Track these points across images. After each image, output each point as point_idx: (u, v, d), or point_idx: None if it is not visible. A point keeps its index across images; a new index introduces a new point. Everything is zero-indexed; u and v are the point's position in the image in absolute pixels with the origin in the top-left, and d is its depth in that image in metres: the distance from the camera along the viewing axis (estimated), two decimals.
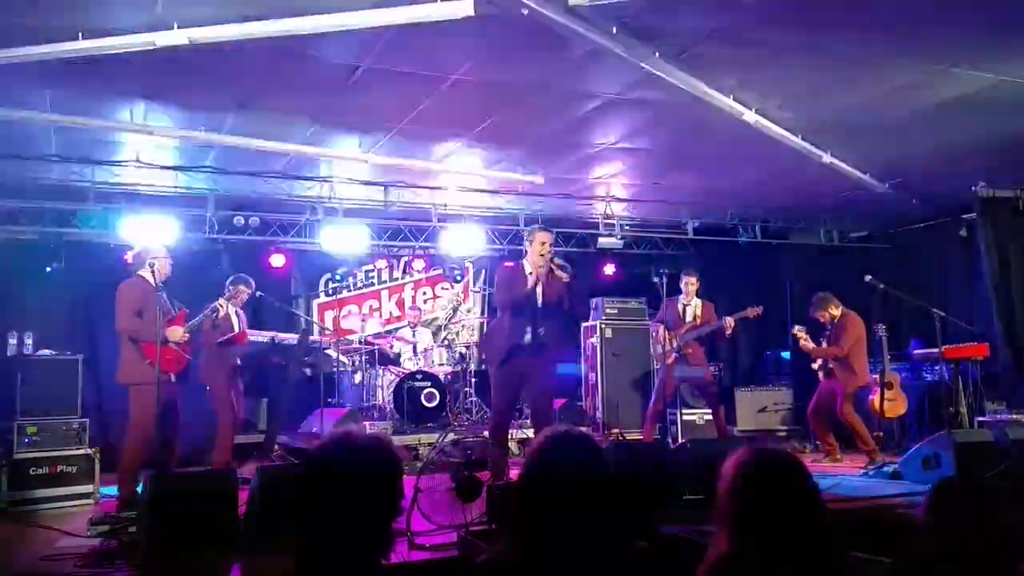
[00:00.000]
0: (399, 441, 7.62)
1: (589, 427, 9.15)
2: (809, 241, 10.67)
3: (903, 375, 7.72)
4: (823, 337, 7.14)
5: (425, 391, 8.45)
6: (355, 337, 9.15)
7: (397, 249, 10.04)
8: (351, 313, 9.93)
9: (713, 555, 1.80)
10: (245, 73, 5.47)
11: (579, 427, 7.55)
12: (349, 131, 6.81)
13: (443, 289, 10.59)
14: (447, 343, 9.54)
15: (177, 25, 4.60)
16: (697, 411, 8.79)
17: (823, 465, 6.90)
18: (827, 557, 1.76)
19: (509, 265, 5.86)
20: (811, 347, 7.02)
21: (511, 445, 6.67)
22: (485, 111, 6.36)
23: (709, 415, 7.87)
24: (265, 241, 8.76)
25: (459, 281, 10.56)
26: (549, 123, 6.67)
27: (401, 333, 9.62)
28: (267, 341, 7.57)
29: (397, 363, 9.19)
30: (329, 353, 9.32)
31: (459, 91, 5.83)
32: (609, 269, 10.23)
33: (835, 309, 7.08)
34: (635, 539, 1.84)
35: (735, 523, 1.77)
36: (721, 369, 9.92)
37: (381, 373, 8.86)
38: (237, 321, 6.36)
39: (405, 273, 10.40)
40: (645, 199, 9.57)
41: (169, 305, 5.52)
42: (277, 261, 8.95)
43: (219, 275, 8.31)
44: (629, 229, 9.92)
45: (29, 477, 5.71)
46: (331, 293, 9.73)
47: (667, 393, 6.99)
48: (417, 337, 9.46)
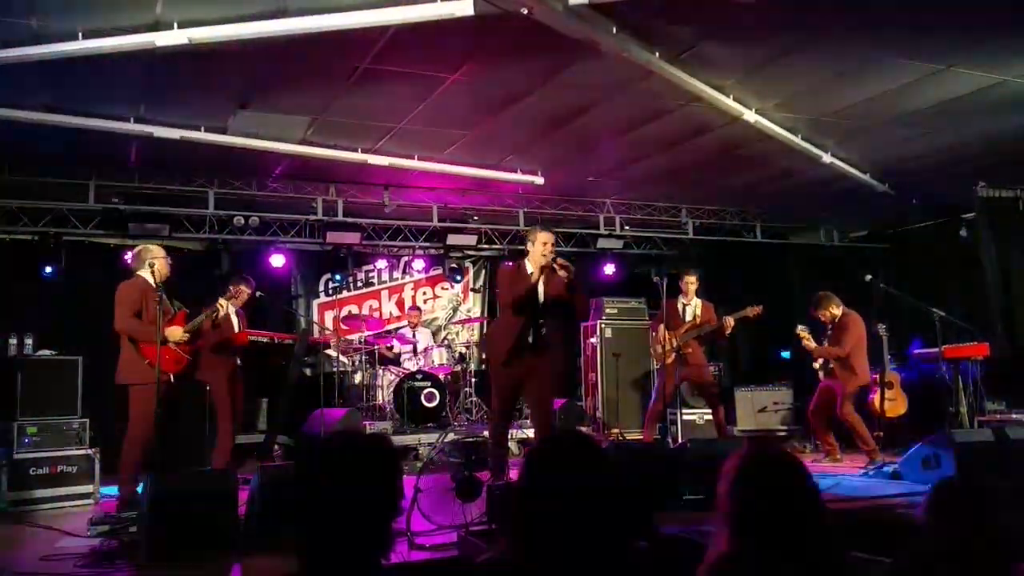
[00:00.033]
0: (399, 441, 7.62)
1: (589, 427, 9.16)
2: (809, 241, 10.67)
3: (903, 375, 7.71)
4: (824, 336, 7.14)
5: (425, 391, 8.45)
6: (355, 337, 9.16)
7: (397, 249, 10.05)
8: (351, 313, 9.93)
9: (713, 555, 1.80)
10: (245, 73, 5.48)
11: (579, 427, 7.53)
12: (349, 131, 6.82)
13: (443, 289, 10.59)
14: (447, 343, 9.53)
15: (177, 25, 4.61)
16: (697, 411, 8.79)
17: (823, 465, 6.89)
18: (827, 557, 1.76)
19: (510, 265, 5.85)
20: (813, 347, 7.02)
21: (511, 445, 6.66)
22: (485, 111, 6.37)
23: (709, 415, 7.87)
24: (265, 241, 8.78)
25: (459, 281, 10.56)
26: (549, 123, 6.67)
27: (401, 333, 9.62)
28: (267, 341, 7.57)
29: (397, 363, 9.19)
30: (329, 353, 9.33)
31: (459, 91, 5.83)
32: (609, 269, 10.24)
33: (836, 308, 7.08)
34: (635, 539, 1.84)
35: (735, 523, 1.77)
36: (721, 369, 9.92)
37: (381, 373, 8.87)
38: (237, 321, 6.36)
39: (405, 273, 10.40)
40: (645, 199, 9.58)
41: (169, 305, 5.51)
42: (277, 261, 8.96)
43: (219, 275, 8.37)
44: (629, 229, 9.91)
45: (29, 477, 5.70)
46: (331, 293, 9.73)
47: (667, 393, 6.98)
48: (417, 337, 9.46)
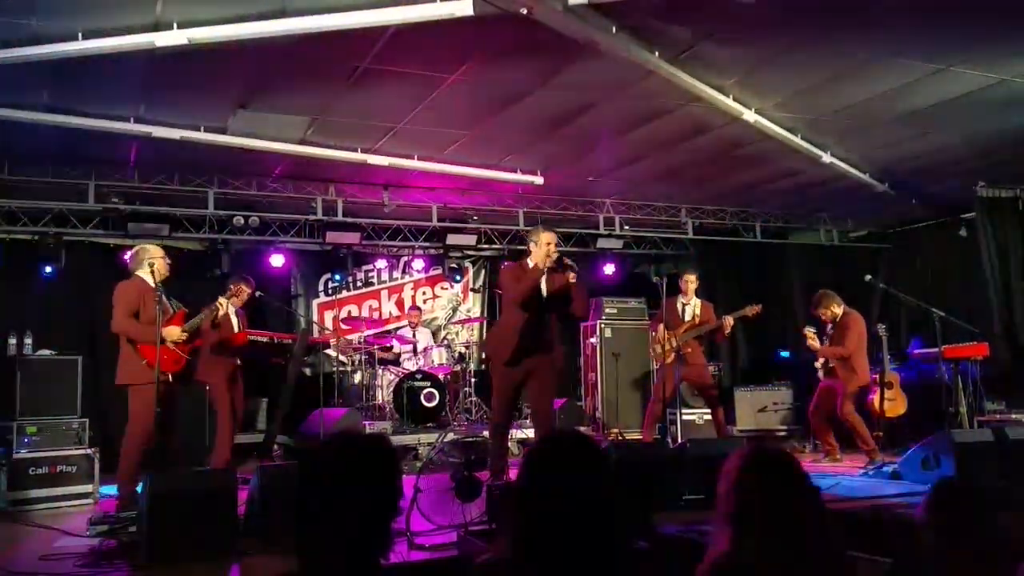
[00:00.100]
0: (399, 441, 7.62)
1: (589, 427, 9.16)
2: (809, 241, 10.67)
3: (903, 375, 7.71)
4: (824, 336, 7.14)
5: (425, 391, 8.45)
6: (355, 337, 9.16)
7: (397, 249, 10.05)
8: (351, 313, 9.93)
9: (713, 555, 1.79)
10: (245, 73, 5.47)
11: (579, 427, 7.53)
12: (349, 131, 6.81)
13: (443, 289, 10.59)
14: (447, 343, 9.53)
15: (177, 25, 4.61)
16: (697, 411, 8.79)
17: (823, 465, 6.89)
18: (827, 557, 1.76)
19: (513, 264, 5.86)
20: (817, 347, 7.02)
21: (511, 445, 6.66)
22: (485, 111, 6.36)
23: (709, 415, 7.87)
24: (265, 241, 8.77)
25: (459, 281, 10.56)
26: (549, 123, 6.67)
27: (401, 333, 9.62)
28: (267, 341, 7.57)
29: (397, 363, 9.19)
30: (329, 353, 9.32)
31: (459, 91, 5.83)
32: (609, 269, 10.24)
33: (837, 307, 7.08)
34: (635, 539, 1.84)
35: (735, 523, 1.77)
36: (721, 369, 9.93)
37: (381, 373, 8.87)
38: (237, 321, 6.35)
39: (405, 273, 10.40)
40: (645, 199, 9.58)
41: (168, 305, 5.51)
42: (277, 261, 8.96)
43: (219, 275, 8.36)
44: (629, 229, 9.91)
45: (29, 477, 5.70)
46: (331, 293, 9.73)
47: (667, 393, 6.98)
48: (417, 337, 9.46)
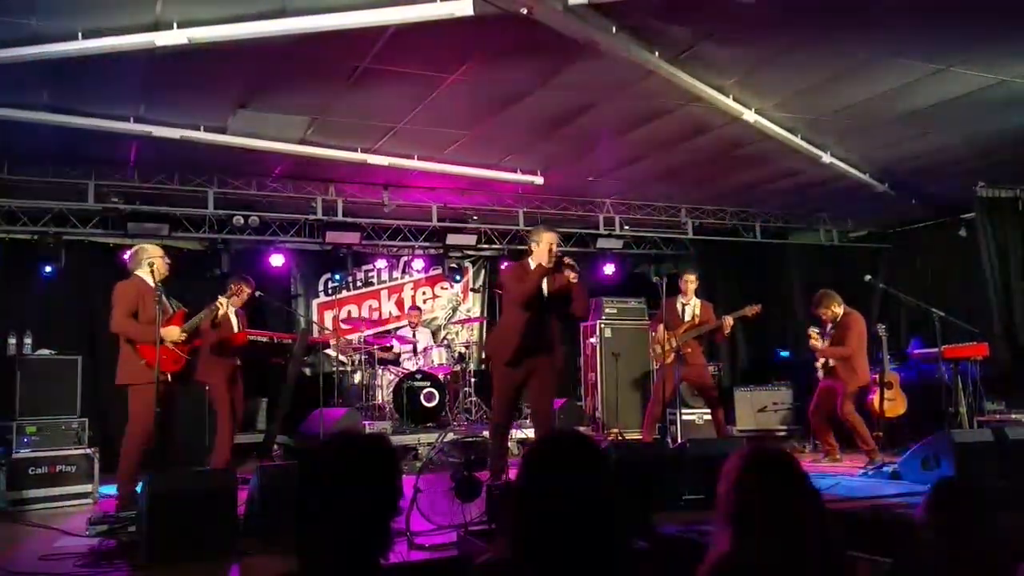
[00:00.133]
0: (398, 441, 7.61)
1: (589, 427, 9.15)
2: (809, 241, 10.67)
3: (902, 375, 7.71)
4: (825, 335, 7.13)
5: (425, 391, 8.45)
6: (354, 337, 9.15)
7: (397, 249, 10.05)
8: (351, 313, 9.93)
9: (713, 555, 1.79)
10: (245, 73, 5.47)
11: (578, 427, 7.52)
12: (349, 131, 6.81)
13: (443, 289, 10.59)
14: (447, 343, 9.53)
15: (177, 25, 4.61)
16: (697, 411, 8.79)
17: (823, 465, 6.89)
18: (827, 557, 1.76)
19: (513, 264, 5.86)
20: (821, 347, 7.02)
21: (511, 445, 6.66)
22: (484, 111, 6.36)
23: (708, 415, 7.87)
24: (264, 241, 8.77)
25: (459, 281, 10.55)
26: (549, 123, 6.67)
27: (401, 333, 9.62)
28: (267, 340, 7.56)
29: (397, 363, 9.19)
30: (329, 353, 9.32)
31: (458, 91, 5.83)
32: (609, 269, 10.24)
33: (838, 307, 7.07)
34: (635, 539, 1.84)
35: (735, 523, 1.77)
36: (721, 369, 9.93)
37: (381, 373, 8.87)
38: (236, 321, 6.35)
39: (405, 273, 10.40)
40: (645, 199, 9.58)
41: (168, 305, 5.50)
42: (277, 261, 8.97)
43: (219, 275, 8.36)
44: (629, 229, 9.91)
45: (28, 477, 5.69)
46: (331, 293, 9.73)
47: (666, 393, 6.98)
48: (417, 337, 9.46)
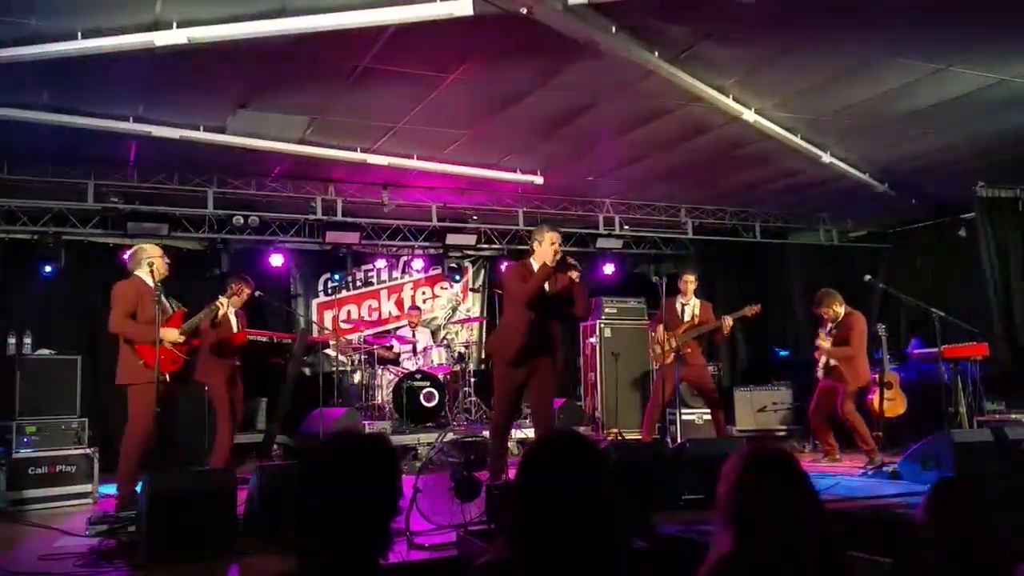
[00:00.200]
0: (398, 441, 7.61)
1: (588, 427, 9.15)
2: (809, 241, 10.67)
3: (902, 375, 7.70)
4: (827, 335, 7.12)
5: (424, 391, 8.45)
6: (354, 336, 9.15)
7: (396, 249, 10.05)
8: (350, 313, 9.93)
9: (713, 555, 1.79)
10: (244, 72, 5.47)
11: (578, 427, 7.49)
12: (348, 130, 6.81)
13: (442, 289, 10.59)
14: (446, 343, 9.53)
15: (177, 24, 4.61)
16: (696, 411, 8.79)
17: (823, 465, 6.89)
18: (827, 557, 1.76)
19: (515, 264, 5.86)
20: (826, 347, 7.02)
21: (511, 445, 6.66)
22: (484, 111, 6.36)
23: (708, 415, 7.87)
24: (264, 241, 8.77)
25: (458, 281, 10.55)
26: (549, 123, 6.67)
27: (401, 333, 9.62)
28: (266, 340, 7.56)
29: (396, 363, 9.19)
30: (328, 353, 9.32)
31: (458, 91, 5.83)
32: (609, 269, 10.24)
33: (839, 307, 7.06)
34: (634, 539, 1.83)
35: (735, 523, 1.77)
36: (720, 369, 9.93)
37: (380, 373, 8.87)
38: (236, 321, 6.35)
39: (404, 273, 10.40)
40: (645, 199, 9.58)
41: (168, 305, 5.50)
42: (276, 260, 8.97)
43: (218, 275, 8.36)
44: (628, 229, 9.91)
45: (28, 476, 5.69)
46: (330, 293, 9.73)
47: (666, 393, 6.98)
48: (416, 337, 9.46)
